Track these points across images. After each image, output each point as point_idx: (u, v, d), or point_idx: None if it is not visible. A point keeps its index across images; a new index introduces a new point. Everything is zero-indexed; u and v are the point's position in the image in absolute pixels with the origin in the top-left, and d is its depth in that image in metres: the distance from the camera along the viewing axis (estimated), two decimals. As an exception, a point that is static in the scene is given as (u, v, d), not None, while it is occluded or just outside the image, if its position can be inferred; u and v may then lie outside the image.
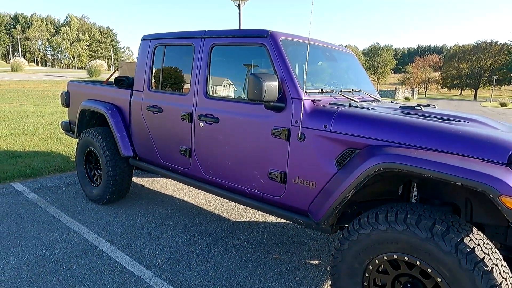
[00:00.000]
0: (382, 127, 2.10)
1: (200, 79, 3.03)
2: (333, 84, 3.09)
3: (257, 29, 2.68)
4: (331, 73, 3.21)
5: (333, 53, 3.28)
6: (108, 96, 4.03)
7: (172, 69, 3.42)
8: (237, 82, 3.01)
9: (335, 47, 3.36)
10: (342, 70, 3.38)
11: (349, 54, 3.56)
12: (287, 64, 2.52)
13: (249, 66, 2.92)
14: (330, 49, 3.27)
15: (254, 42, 2.69)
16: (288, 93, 2.48)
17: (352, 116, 2.27)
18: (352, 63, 3.52)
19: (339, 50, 3.41)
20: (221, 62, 3.04)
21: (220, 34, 2.93)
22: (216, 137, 2.91)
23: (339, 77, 3.30)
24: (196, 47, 3.09)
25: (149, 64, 3.51)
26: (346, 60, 3.45)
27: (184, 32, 3.24)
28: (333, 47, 3.34)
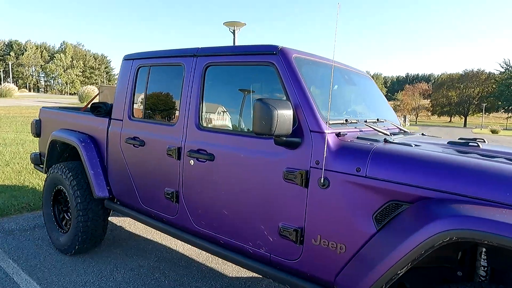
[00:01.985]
0: (444, 172, 1.52)
1: (191, 106, 2.45)
2: (353, 112, 2.54)
3: (264, 44, 2.14)
4: (350, 99, 2.67)
5: (351, 75, 2.76)
6: (83, 125, 3.42)
7: (157, 94, 2.85)
8: (237, 110, 2.43)
9: (353, 69, 2.85)
10: (361, 96, 2.84)
11: (367, 78, 3.05)
12: (304, 87, 1.96)
13: (252, 90, 2.36)
14: (348, 71, 2.74)
15: (260, 61, 2.14)
16: (305, 125, 1.91)
17: (396, 155, 1.69)
18: (371, 88, 3.00)
19: (357, 73, 2.90)
20: (217, 86, 2.48)
21: (217, 51, 2.39)
22: (210, 178, 2.30)
23: (359, 104, 2.76)
24: (187, 67, 2.53)
25: (130, 88, 2.94)
26: (364, 84, 2.92)
27: (173, 50, 2.70)
28: (351, 69, 2.83)
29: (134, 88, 2.92)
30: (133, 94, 2.92)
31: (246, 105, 2.35)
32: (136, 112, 2.92)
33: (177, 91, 2.63)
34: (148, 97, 2.85)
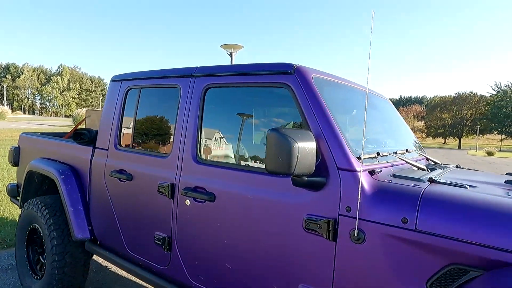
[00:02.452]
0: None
1: (188, 135, 2.07)
2: (377, 142, 2.17)
3: (276, 63, 1.79)
4: (374, 126, 2.31)
5: (373, 99, 2.42)
6: (65, 154, 3.01)
7: (148, 120, 2.47)
8: (243, 140, 2.05)
9: (373, 92, 2.51)
10: (383, 122, 2.49)
11: (386, 101, 2.71)
12: (327, 114, 1.59)
13: (262, 118, 2.00)
14: (368, 94, 2.40)
15: (272, 82, 1.79)
16: (331, 161, 1.53)
17: (454, 202, 1.30)
18: (392, 113, 2.66)
19: (376, 95, 2.56)
20: (219, 111, 2.12)
21: (218, 71, 2.04)
22: (210, 223, 1.89)
23: (382, 131, 2.40)
24: (183, 89, 2.17)
25: (118, 113, 2.56)
26: (385, 108, 2.58)
27: (166, 70, 2.35)
28: (371, 91, 2.49)
29: (122, 113, 2.54)
30: (120, 120, 2.54)
31: (255, 134, 1.98)
32: (124, 141, 2.52)
33: (171, 117, 2.26)
34: (137, 123, 2.47)
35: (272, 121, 2.00)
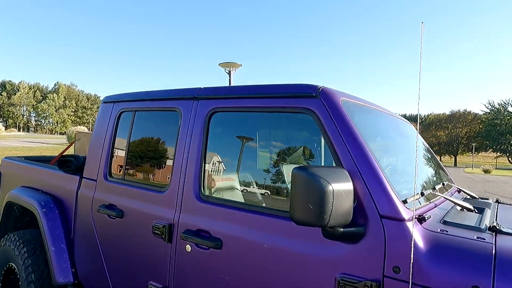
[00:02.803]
0: None
1: (189, 167, 1.77)
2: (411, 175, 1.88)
3: (297, 84, 1.51)
4: (404, 156, 2.01)
5: (400, 125, 2.14)
6: (49, 183, 2.68)
7: (143, 148, 2.17)
8: (257, 176, 1.76)
9: (398, 117, 2.24)
10: (412, 152, 2.20)
11: (411, 127, 2.44)
12: (364, 147, 1.31)
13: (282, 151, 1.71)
14: (396, 120, 2.13)
15: (292, 107, 1.50)
16: (370, 206, 1.23)
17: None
18: (419, 141, 2.38)
19: (403, 122, 2.29)
20: (227, 140, 1.83)
21: (226, 93, 1.76)
22: (216, 275, 1.56)
23: (412, 162, 2.11)
24: (184, 113, 1.88)
25: (109, 139, 2.26)
26: (411, 136, 2.30)
27: (165, 91, 2.06)
28: (397, 117, 2.22)
29: (114, 140, 2.24)
30: (111, 147, 2.23)
31: (270, 170, 1.68)
32: (115, 171, 2.21)
33: (170, 145, 1.97)
34: (131, 151, 2.16)
35: (289, 151, 1.71)
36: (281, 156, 1.72)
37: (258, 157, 1.91)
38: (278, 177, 1.70)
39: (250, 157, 1.90)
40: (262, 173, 1.80)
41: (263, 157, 1.85)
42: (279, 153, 1.72)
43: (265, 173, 1.82)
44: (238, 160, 1.83)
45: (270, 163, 1.73)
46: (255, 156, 1.90)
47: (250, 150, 1.88)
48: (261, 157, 1.90)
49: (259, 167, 1.76)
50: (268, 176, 1.80)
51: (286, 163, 1.71)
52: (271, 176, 1.74)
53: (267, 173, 1.81)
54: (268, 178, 1.78)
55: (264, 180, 1.74)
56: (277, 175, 1.70)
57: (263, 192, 1.69)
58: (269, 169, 1.73)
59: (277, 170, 1.76)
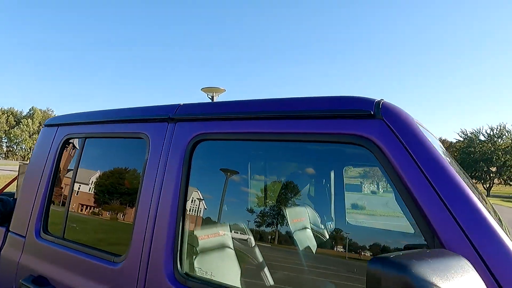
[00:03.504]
0: None
1: (160, 222, 1.13)
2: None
3: (342, 97, 0.94)
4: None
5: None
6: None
7: (93, 191, 1.51)
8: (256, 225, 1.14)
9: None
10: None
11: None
12: (477, 204, 0.73)
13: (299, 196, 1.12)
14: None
15: (334, 134, 0.92)
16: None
17: None
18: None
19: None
20: (218, 182, 1.21)
21: (219, 111, 1.16)
22: None
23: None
24: (153, 142, 1.26)
25: (47, 176, 1.59)
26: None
27: (128, 110, 1.45)
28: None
29: (54, 178, 1.58)
30: (50, 187, 1.57)
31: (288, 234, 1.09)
32: (53, 225, 1.53)
33: (131, 187, 1.33)
34: (76, 196, 1.50)
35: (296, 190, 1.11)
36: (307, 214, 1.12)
37: (256, 200, 1.31)
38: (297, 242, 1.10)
39: (246, 201, 1.29)
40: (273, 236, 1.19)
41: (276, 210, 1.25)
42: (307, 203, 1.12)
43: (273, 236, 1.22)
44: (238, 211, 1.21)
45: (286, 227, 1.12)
46: (252, 198, 1.30)
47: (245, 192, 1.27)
48: (260, 199, 1.30)
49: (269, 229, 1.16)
50: (271, 226, 1.20)
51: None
52: (275, 226, 1.14)
53: (270, 223, 1.21)
54: (271, 228, 1.19)
55: (266, 231, 1.14)
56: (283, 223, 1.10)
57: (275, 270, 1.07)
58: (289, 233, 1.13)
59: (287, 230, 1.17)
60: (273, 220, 1.36)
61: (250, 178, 1.27)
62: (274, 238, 1.29)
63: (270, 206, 1.34)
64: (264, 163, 1.22)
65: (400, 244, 1.50)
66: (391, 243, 1.46)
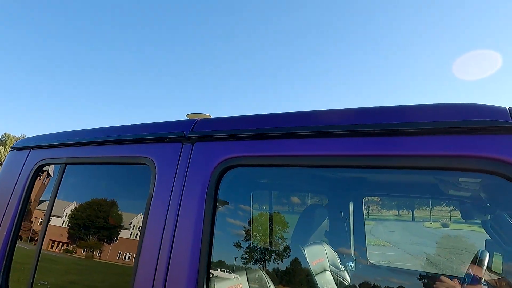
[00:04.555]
0: None
1: (176, 277, 0.79)
2: None
3: (461, 105, 0.66)
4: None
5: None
6: None
7: (75, 233, 1.16)
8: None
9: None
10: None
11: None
12: None
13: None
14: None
15: (456, 156, 0.63)
16: None
17: None
18: None
19: None
20: (260, 221, 0.91)
21: (254, 127, 0.86)
22: None
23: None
24: (160, 168, 0.94)
25: (11, 214, 1.22)
26: None
27: (128, 127, 1.12)
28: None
29: (19, 215, 1.20)
30: (14, 229, 1.19)
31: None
32: (16, 274, 1.15)
33: (130, 227, 1.00)
34: (51, 239, 1.14)
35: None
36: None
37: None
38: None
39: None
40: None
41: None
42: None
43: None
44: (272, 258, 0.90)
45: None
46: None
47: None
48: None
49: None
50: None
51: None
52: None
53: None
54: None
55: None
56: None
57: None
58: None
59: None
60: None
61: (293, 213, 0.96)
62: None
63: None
64: (335, 198, 0.92)
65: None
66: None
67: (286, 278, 1.13)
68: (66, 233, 1.19)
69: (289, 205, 1.03)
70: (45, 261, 1.14)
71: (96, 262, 1.12)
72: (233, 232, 0.94)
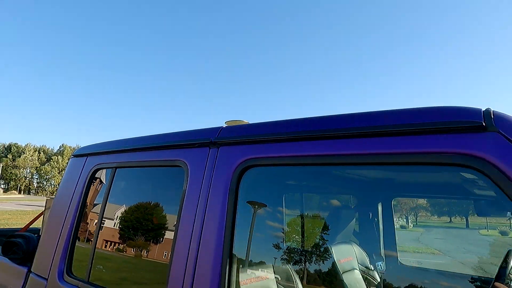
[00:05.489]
0: None
1: (204, 262, 0.94)
2: None
3: (440, 107, 0.76)
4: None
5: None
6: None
7: (125, 226, 1.35)
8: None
9: None
10: None
11: None
12: None
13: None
14: None
15: (436, 152, 0.73)
16: None
17: None
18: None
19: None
20: (275, 216, 1.03)
21: (272, 131, 1.00)
22: None
23: None
24: (192, 169, 1.11)
25: (73, 212, 1.46)
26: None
27: (164, 136, 1.31)
28: None
29: (81, 213, 1.43)
30: (76, 223, 1.42)
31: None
32: (78, 266, 1.37)
33: (168, 221, 1.17)
34: (105, 232, 1.35)
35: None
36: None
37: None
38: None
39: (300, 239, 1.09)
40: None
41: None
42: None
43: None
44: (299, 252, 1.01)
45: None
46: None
47: (300, 228, 1.07)
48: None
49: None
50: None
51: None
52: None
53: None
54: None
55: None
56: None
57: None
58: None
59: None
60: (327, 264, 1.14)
61: (305, 210, 1.07)
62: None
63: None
64: (337, 193, 1.03)
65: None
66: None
67: (313, 275, 1.23)
68: (116, 231, 1.39)
69: (303, 204, 1.14)
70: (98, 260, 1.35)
71: (144, 260, 1.30)
72: (256, 227, 1.07)
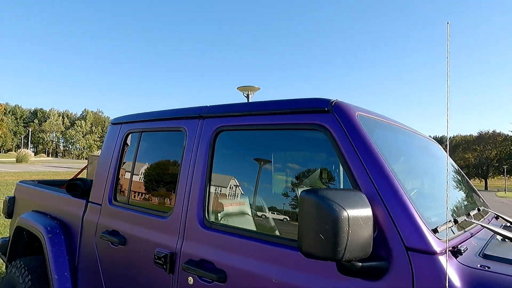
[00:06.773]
0: None
1: (194, 190, 1.64)
2: (438, 199, 1.67)
3: (307, 99, 1.38)
4: (432, 179, 1.82)
5: (426, 144, 1.95)
6: (57, 208, 2.61)
7: (148, 170, 2.07)
8: (266, 199, 1.60)
9: (424, 136, 2.05)
10: (440, 173, 1.99)
11: (438, 147, 2.23)
12: (384, 166, 1.14)
13: (297, 173, 1.56)
14: (421, 139, 1.95)
15: (301, 123, 1.37)
16: (394, 236, 1.05)
17: None
18: (448, 160, 2.17)
19: (430, 141, 2.10)
20: (234, 161, 1.70)
21: (232, 111, 1.65)
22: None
23: (441, 185, 1.90)
24: (189, 133, 1.78)
25: (115, 161, 2.18)
26: (439, 156, 2.10)
27: (171, 110, 1.98)
28: (422, 135, 2.04)
29: (120, 162, 2.16)
30: (117, 169, 2.15)
31: (284, 193, 1.53)
32: (120, 195, 2.11)
33: (175, 166, 1.86)
34: (136, 174, 2.07)
35: (305, 173, 1.55)
36: (295, 178, 1.56)
37: (272, 179, 1.76)
38: (292, 201, 1.54)
39: (261, 180, 1.75)
40: (275, 197, 1.64)
41: (276, 180, 1.70)
42: (294, 175, 1.56)
43: (278, 197, 1.66)
44: (247, 185, 1.69)
45: (283, 186, 1.57)
46: (267, 178, 1.75)
47: (262, 171, 1.73)
48: (275, 179, 1.75)
49: (274, 190, 1.61)
50: (281, 200, 1.63)
51: (301, 187, 1.55)
52: (284, 200, 1.57)
53: (280, 197, 1.65)
54: (281, 203, 1.62)
55: (277, 205, 1.58)
56: (290, 199, 1.53)
57: (277, 217, 1.52)
58: (283, 192, 1.57)
59: (290, 193, 1.59)
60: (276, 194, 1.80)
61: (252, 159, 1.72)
62: (278, 208, 1.73)
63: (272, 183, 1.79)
64: (263, 147, 1.66)
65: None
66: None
67: (276, 206, 1.89)
68: (143, 174, 2.10)
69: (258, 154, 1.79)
70: (133, 192, 2.07)
71: (160, 192, 2.01)
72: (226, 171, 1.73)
